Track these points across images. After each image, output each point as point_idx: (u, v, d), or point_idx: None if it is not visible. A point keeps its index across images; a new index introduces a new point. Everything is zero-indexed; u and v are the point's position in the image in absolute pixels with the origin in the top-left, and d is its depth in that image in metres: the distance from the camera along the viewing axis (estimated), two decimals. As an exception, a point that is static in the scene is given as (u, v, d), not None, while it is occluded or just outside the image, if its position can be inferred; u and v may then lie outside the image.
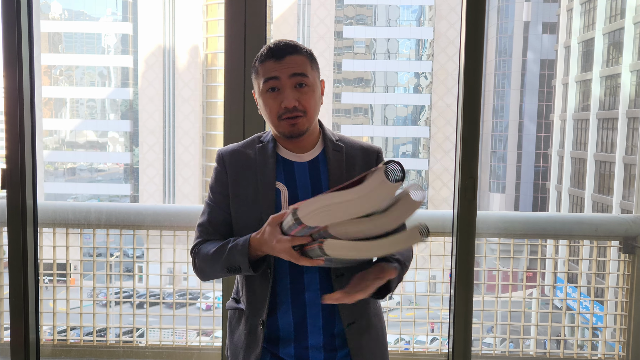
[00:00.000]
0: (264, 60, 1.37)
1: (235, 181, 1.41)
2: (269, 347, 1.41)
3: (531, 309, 3.19)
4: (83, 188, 24.93)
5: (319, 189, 1.39)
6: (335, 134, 1.47)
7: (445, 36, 24.56)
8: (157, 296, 3.14)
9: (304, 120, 1.36)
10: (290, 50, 1.36)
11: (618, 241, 2.93)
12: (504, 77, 27.36)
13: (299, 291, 1.38)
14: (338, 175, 1.40)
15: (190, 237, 2.99)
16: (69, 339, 3.01)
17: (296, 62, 1.35)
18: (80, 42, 25.86)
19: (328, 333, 1.40)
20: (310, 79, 1.36)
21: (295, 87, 1.35)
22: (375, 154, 1.47)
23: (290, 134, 1.37)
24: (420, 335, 3.96)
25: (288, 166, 1.41)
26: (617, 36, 19.38)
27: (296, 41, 1.40)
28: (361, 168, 1.43)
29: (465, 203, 2.26)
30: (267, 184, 1.38)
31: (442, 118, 24.70)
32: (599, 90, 20.27)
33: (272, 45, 1.37)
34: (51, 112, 25.58)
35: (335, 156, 1.42)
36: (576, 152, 21.42)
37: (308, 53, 1.39)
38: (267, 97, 1.36)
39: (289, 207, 1.23)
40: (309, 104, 1.36)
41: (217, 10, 24.75)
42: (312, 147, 1.43)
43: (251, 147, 1.44)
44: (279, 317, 1.39)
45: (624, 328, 2.89)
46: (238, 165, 1.42)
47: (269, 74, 1.35)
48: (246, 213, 1.39)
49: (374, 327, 1.43)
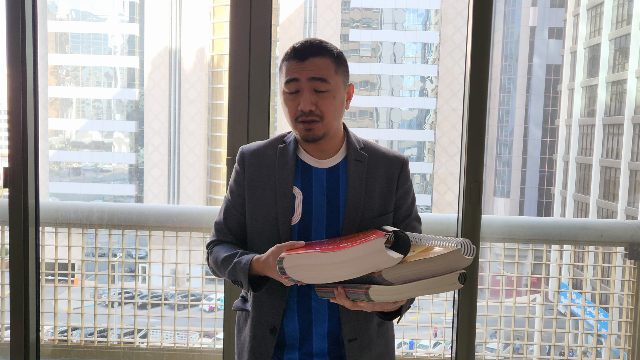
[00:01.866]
0: (287, 60, 1.34)
1: (252, 182, 1.39)
2: (276, 352, 1.40)
3: (535, 315, 3.16)
4: (88, 188, 24.98)
5: (335, 198, 1.36)
6: (360, 141, 1.42)
7: (451, 40, 24.54)
8: (160, 297, 3.13)
9: (320, 125, 1.32)
10: (315, 52, 1.31)
11: (623, 247, 2.90)
12: (509, 82, 27.32)
13: (306, 298, 1.36)
14: (357, 188, 1.36)
15: (193, 237, 2.98)
16: (69, 339, 3.00)
17: (318, 65, 1.31)
18: (87, 42, 25.98)
19: (333, 340, 1.38)
20: (331, 84, 1.32)
21: (314, 91, 1.31)
22: (399, 164, 1.41)
23: (305, 138, 1.34)
24: (423, 339, 3.93)
25: (306, 171, 1.38)
26: (623, 42, 19.32)
27: (325, 41, 1.35)
28: (382, 180, 1.39)
29: (469, 207, 2.24)
30: (284, 187, 1.36)
31: (447, 122, 24.66)
32: (604, 96, 20.20)
33: (298, 44, 1.33)
34: (57, 112, 25.68)
35: (356, 167, 1.37)
36: (581, 157, 21.34)
37: (335, 55, 1.34)
38: (287, 97, 1.34)
39: (284, 249, 1.21)
40: (326, 110, 1.32)
41: (224, 12, 24.81)
42: (335, 153, 1.39)
43: (273, 147, 1.41)
44: (285, 323, 1.38)
45: (629, 335, 2.86)
46: (257, 166, 1.40)
47: (290, 74, 1.32)
48: (261, 215, 1.37)
49: (376, 346, 1.40)
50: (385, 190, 1.38)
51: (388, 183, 1.39)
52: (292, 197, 1.36)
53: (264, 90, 2.25)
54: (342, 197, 1.36)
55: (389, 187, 1.39)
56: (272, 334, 1.37)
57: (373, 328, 1.40)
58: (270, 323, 1.37)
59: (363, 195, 1.35)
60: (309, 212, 1.35)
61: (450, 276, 1.15)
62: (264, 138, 2.27)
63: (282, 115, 1.41)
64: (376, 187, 1.37)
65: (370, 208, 1.36)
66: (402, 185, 1.41)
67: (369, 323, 1.38)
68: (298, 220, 1.35)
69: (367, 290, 1.12)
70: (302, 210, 1.35)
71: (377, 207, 1.37)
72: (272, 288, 1.36)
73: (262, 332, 1.38)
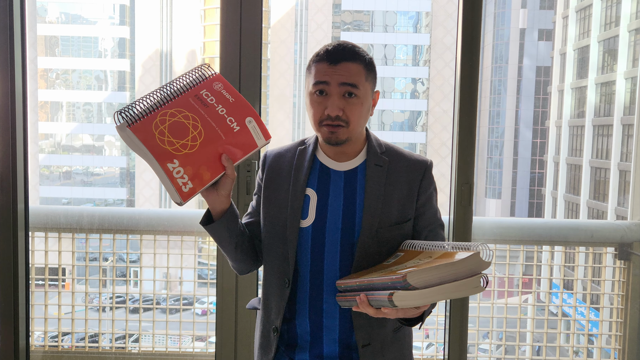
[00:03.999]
0: (318, 61, 1.31)
1: (269, 184, 1.41)
2: (287, 351, 1.41)
3: (527, 315, 3.18)
4: (79, 192, 24.83)
5: (352, 202, 1.34)
6: (382, 145, 1.40)
7: (442, 42, 24.64)
8: (151, 301, 3.12)
9: (345, 130, 1.30)
10: (348, 57, 1.29)
11: (614, 247, 2.92)
12: (500, 84, 27.47)
13: (318, 299, 1.35)
14: (375, 192, 1.34)
15: (185, 241, 2.97)
16: (60, 344, 2.98)
17: (350, 70, 1.29)
18: (77, 45, 25.84)
19: (344, 345, 1.37)
20: (361, 91, 1.30)
21: (343, 96, 1.29)
22: (422, 170, 1.37)
23: (328, 141, 1.32)
24: (416, 341, 3.94)
25: (324, 173, 1.37)
26: (612, 43, 19.49)
27: (358, 46, 1.33)
28: (402, 187, 1.36)
29: (461, 209, 2.25)
30: (297, 189, 1.36)
31: (438, 124, 24.74)
32: (594, 97, 20.36)
33: (330, 47, 1.31)
34: (47, 115, 25.51)
35: (375, 171, 1.35)
36: (572, 158, 21.48)
37: (367, 62, 1.32)
38: (314, 99, 1.32)
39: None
40: (353, 116, 1.30)
41: (215, 14, 24.77)
42: (355, 156, 1.37)
43: (293, 150, 1.42)
44: (297, 324, 1.38)
45: (620, 335, 2.88)
46: (276, 168, 1.41)
47: (320, 77, 1.30)
48: (274, 216, 1.38)
49: (389, 352, 1.38)
50: (405, 197, 1.35)
51: (409, 190, 1.36)
52: (304, 199, 1.35)
53: (255, 92, 2.24)
54: (359, 201, 1.34)
55: (409, 194, 1.36)
56: (275, 333, 1.39)
57: (387, 334, 1.38)
58: (273, 323, 1.40)
59: (381, 200, 1.33)
60: (324, 215, 1.34)
61: (474, 279, 1.16)
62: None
63: (272, 127, 1.40)
64: (395, 193, 1.35)
65: (387, 215, 1.33)
66: (424, 192, 1.37)
67: (382, 329, 1.37)
68: (312, 222, 1.35)
69: (391, 296, 1.11)
70: (316, 212, 1.34)
71: (395, 214, 1.34)
72: (277, 289, 1.38)
73: (268, 331, 1.41)
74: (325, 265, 1.34)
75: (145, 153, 1.20)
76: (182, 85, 1.26)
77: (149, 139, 1.20)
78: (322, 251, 1.34)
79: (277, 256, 1.38)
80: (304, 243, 1.35)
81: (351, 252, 1.33)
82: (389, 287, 1.14)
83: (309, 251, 1.35)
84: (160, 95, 1.24)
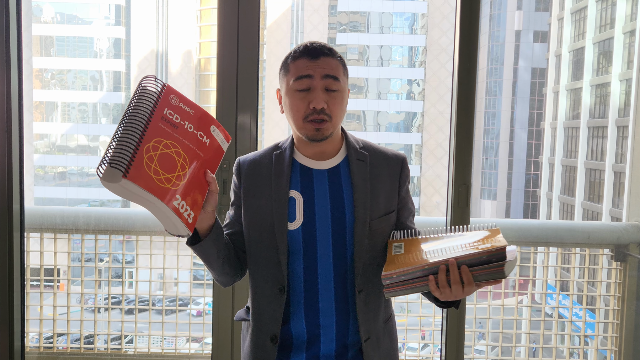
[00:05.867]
0: (297, 58, 1.32)
1: (248, 192, 1.38)
2: (281, 354, 1.39)
3: (522, 317, 3.18)
4: (74, 192, 24.75)
5: (339, 199, 1.35)
6: (359, 141, 1.43)
7: (437, 44, 24.69)
8: (147, 302, 3.11)
9: (329, 125, 1.32)
10: (326, 52, 1.33)
11: (609, 249, 2.93)
12: (495, 85, 27.55)
13: (313, 299, 1.35)
14: (362, 186, 1.35)
15: (180, 242, 2.96)
16: (55, 345, 2.97)
17: (330, 64, 1.32)
18: (72, 45, 25.75)
19: (341, 343, 1.37)
20: (341, 84, 1.33)
21: (325, 90, 1.31)
22: (400, 163, 1.42)
23: (313, 138, 1.32)
24: (412, 342, 3.94)
25: (306, 174, 1.37)
26: (607, 45, 19.58)
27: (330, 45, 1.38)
28: (385, 179, 1.38)
29: (458, 210, 2.25)
30: (280, 193, 1.34)
31: (434, 125, 24.79)
32: (589, 99, 20.44)
33: (307, 44, 1.34)
34: (42, 115, 25.42)
35: (359, 167, 1.37)
36: (567, 159, 21.56)
37: (341, 59, 1.36)
38: (296, 96, 1.31)
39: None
40: (336, 110, 1.32)
41: (211, 15, 24.75)
42: (334, 154, 1.38)
43: (268, 155, 1.40)
44: (292, 326, 1.37)
45: (616, 336, 2.88)
46: (253, 175, 1.39)
47: (302, 71, 1.30)
48: (258, 224, 1.36)
49: (383, 343, 1.40)
50: (388, 190, 1.39)
51: (391, 182, 1.39)
52: (288, 203, 1.34)
53: (251, 93, 2.24)
54: (346, 197, 1.35)
55: (392, 186, 1.39)
56: (273, 342, 1.36)
57: (380, 326, 1.40)
58: (270, 332, 1.36)
59: (369, 193, 1.35)
60: (312, 214, 1.34)
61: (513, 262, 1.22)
62: (252, 142, 2.26)
63: (268, 127, 1.39)
64: (379, 185, 1.37)
65: (376, 207, 1.36)
66: (404, 184, 1.42)
67: (377, 322, 1.39)
68: (301, 224, 1.34)
69: (502, 268, 1.15)
70: (304, 214, 1.34)
71: (383, 206, 1.37)
72: (271, 297, 1.35)
73: (263, 341, 1.37)
74: (318, 264, 1.34)
75: (148, 199, 1.10)
76: (144, 111, 1.15)
77: (150, 183, 1.09)
78: (314, 251, 1.34)
79: (267, 264, 1.36)
80: (295, 245, 1.34)
81: (343, 247, 1.34)
82: (484, 262, 1.16)
83: (301, 253, 1.34)
84: (132, 130, 1.11)
